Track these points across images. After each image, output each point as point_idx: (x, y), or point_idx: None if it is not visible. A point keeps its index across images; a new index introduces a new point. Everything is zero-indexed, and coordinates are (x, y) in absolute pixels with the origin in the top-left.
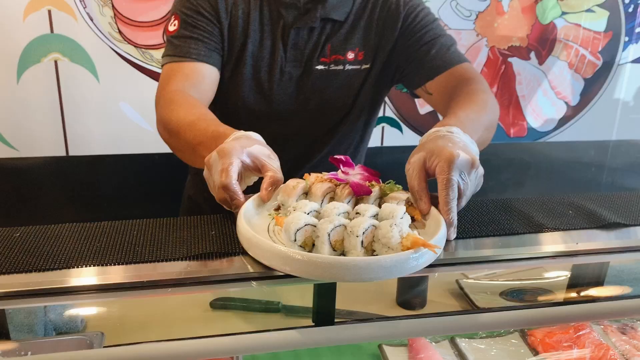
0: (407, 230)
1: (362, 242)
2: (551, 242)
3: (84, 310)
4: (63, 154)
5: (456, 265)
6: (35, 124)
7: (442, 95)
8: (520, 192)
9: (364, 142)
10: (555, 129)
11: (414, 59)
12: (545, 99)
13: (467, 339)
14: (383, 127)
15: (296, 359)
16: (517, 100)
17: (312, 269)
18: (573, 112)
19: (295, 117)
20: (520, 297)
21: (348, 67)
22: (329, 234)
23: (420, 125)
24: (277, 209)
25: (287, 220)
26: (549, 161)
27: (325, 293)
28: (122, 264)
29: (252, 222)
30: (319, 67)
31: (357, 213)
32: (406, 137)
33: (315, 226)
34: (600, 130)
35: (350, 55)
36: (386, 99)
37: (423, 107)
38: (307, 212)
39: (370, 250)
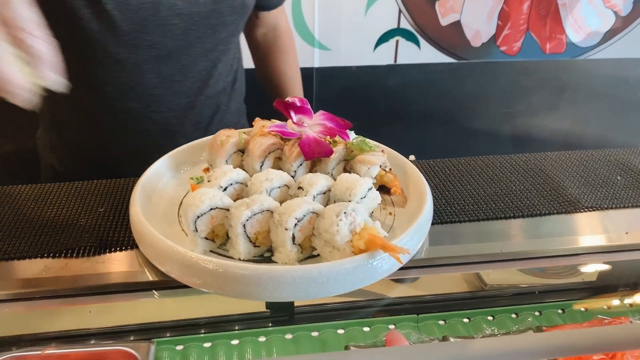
0: (362, 221)
1: (293, 237)
2: (590, 230)
3: None
4: None
5: (449, 266)
6: None
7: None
8: (554, 116)
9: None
10: (600, 44)
11: None
12: (590, 7)
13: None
14: (397, 41)
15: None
16: (556, 9)
17: (210, 280)
18: (623, 23)
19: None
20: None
21: None
22: (244, 225)
23: (442, 39)
24: (208, 169)
25: (184, 201)
26: (589, 82)
27: None
28: None
29: (161, 190)
30: None
31: (299, 188)
32: (424, 53)
33: (228, 210)
34: None
35: None
36: (401, 6)
37: (445, 16)
38: (223, 186)
39: (308, 248)
